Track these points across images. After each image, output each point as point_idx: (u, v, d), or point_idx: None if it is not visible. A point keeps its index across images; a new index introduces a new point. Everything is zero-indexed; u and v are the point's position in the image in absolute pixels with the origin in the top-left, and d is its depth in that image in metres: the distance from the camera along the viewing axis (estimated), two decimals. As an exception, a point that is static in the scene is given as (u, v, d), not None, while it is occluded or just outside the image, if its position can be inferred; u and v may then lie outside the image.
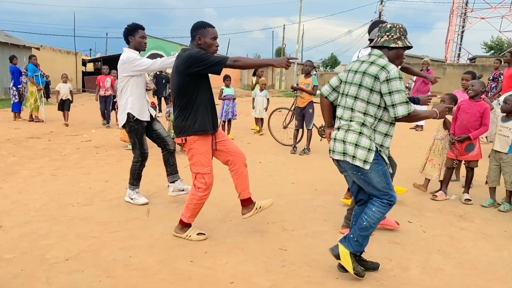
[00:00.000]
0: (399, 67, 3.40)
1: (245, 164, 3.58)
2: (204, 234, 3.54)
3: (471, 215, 4.31)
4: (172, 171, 4.48)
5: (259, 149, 7.66)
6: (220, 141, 3.52)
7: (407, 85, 25.92)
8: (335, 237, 3.63)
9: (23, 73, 11.64)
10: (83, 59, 31.36)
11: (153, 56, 29.06)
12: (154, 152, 7.21)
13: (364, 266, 3.02)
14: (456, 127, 4.75)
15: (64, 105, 10.71)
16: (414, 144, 8.54)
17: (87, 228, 3.71)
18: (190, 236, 3.49)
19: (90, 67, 34.90)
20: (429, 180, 4.99)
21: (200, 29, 3.33)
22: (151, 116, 4.38)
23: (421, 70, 11.03)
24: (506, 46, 44.06)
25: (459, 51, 40.50)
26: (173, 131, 6.93)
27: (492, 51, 44.33)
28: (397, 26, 2.88)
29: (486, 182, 4.85)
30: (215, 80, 5.21)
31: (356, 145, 2.82)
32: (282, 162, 6.57)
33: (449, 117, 4.95)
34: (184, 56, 3.28)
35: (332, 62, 55.29)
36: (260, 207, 3.61)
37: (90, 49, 48.57)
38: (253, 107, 9.90)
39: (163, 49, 30.95)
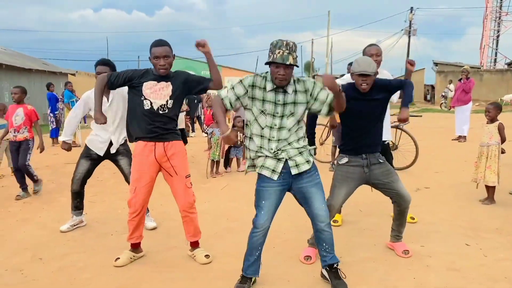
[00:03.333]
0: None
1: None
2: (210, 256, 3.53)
3: (534, 236, 3.95)
4: None
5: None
6: None
7: (443, 93, 25.18)
8: (386, 264, 3.38)
9: (59, 99, 11.94)
10: (116, 83, 32.12)
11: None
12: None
13: (331, 281, 3.00)
14: None
15: None
16: (459, 157, 8.11)
17: (126, 259, 3.59)
18: (195, 256, 3.54)
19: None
20: (494, 187, 4.95)
21: (150, 49, 3.29)
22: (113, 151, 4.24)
23: (460, 79, 10.63)
24: (546, 49, 42.26)
25: (495, 56, 39.15)
26: (215, 152, 6.90)
27: (531, 55, 42.69)
28: (271, 43, 2.81)
29: None
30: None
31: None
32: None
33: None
34: None
35: (362, 74, 54.65)
36: (194, 256, 3.58)
37: (123, 72, 49.72)
38: None
39: (193, 69, 31.23)
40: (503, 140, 4.96)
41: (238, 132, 3.99)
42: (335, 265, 3.00)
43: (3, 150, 7.32)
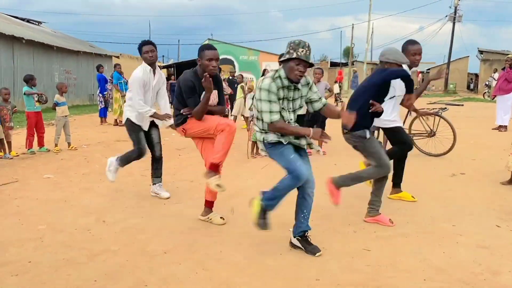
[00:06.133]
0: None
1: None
2: (224, 218, 4.05)
3: None
4: (154, 174, 4.96)
5: (332, 151, 7.68)
6: None
7: (487, 82, 24.44)
8: (418, 240, 3.63)
9: (108, 80, 12.59)
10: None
11: (223, 61, 29.80)
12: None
13: (305, 247, 3.37)
14: None
15: None
16: (498, 145, 8.11)
17: (179, 224, 4.02)
18: (211, 219, 4.05)
19: (163, 73, 36.75)
20: None
21: (200, 52, 3.79)
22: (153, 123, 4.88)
23: (503, 68, 10.47)
24: None
25: (546, 44, 37.38)
26: (255, 134, 7.19)
27: None
28: (290, 42, 3.16)
29: None
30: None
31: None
32: (358, 164, 6.54)
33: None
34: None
35: (403, 61, 53.30)
36: (210, 219, 4.09)
37: (163, 56, 50.60)
38: None
39: (232, 54, 31.61)
40: None
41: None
42: (306, 233, 3.42)
43: (61, 126, 7.95)
